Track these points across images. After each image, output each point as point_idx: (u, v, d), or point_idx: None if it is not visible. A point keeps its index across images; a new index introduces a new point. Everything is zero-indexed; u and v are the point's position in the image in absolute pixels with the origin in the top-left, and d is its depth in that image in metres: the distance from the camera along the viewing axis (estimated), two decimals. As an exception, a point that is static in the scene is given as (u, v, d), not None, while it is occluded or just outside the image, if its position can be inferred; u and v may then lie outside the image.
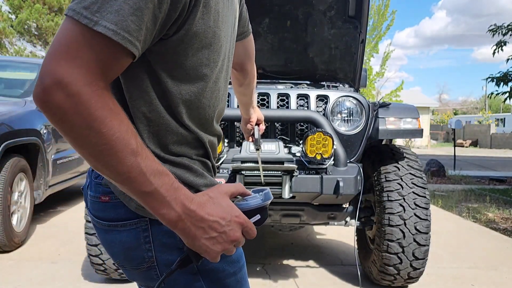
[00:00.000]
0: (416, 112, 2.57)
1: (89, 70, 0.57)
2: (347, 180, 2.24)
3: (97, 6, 0.57)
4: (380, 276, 2.50)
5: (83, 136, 0.58)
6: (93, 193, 0.78)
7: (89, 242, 2.39)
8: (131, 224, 0.74)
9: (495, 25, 7.42)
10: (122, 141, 0.59)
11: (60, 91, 0.56)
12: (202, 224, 0.64)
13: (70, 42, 0.58)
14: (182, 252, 0.71)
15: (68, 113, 0.56)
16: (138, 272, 0.77)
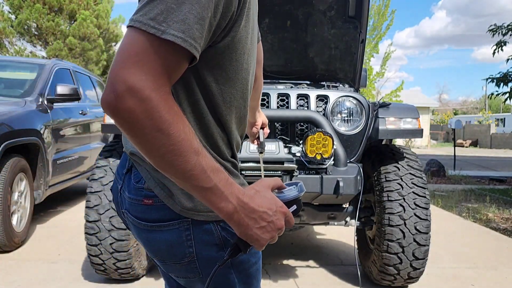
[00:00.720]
0: (416, 112, 2.57)
1: (156, 76, 0.62)
2: (347, 180, 2.24)
3: (162, 16, 0.62)
4: (380, 276, 2.50)
5: (153, 138, 0.63)
6: (133, 196, 0.84)
7: (89, 242, 2.39)
8: (174, 224, 0.81)
9: (495, 25, 7.41)
10: (187, 142, 0.65)
11: (133, 97, 0.60)
12: (253, 215, 0.71)
13: (139, 50, 0.62)
14: (219, 248, 0.81)
15: (140, 117, 0.61)
16: (179, 266, 0.84)
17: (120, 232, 2.35)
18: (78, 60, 13.40)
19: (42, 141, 3.58)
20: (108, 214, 2.34)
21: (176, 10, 0.63)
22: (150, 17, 0.63)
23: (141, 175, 0.83)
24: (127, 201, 0.86)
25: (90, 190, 2.40)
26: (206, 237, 0.81)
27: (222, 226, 0.82)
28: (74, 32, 13.29)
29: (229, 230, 0.82)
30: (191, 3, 0.64)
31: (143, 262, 2.57)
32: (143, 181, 0.82)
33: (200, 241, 0.81)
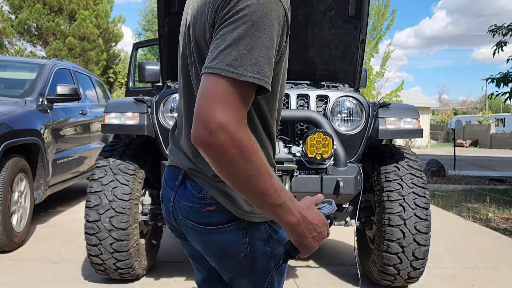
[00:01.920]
0: (416, 112, 2.57)
1: (238, 112, 0.75)
2: (347, 180, 2.25)
3: (237, 62, 0.75)
4: (380, 276, 2.50)
5: (238, 165, 0.75)
6: (195, 205, 0.96)
7: (89, 242, 2.39)
8: (233, 226, 0.94)
9: (495, 25, 7.41)
10: (264, 167, 0.77)
11: (223, 132, 0.72)
12: (310, 226, 0.84)
13: (221, 92, 0.74)
14: (265, 243, 0.95)
15: (229, 148, 0.73)
16: (234, 261, 0.96)
17: (120, 232, 2.35)
18: (78, 60, 13.40)
19: (42, 141, 3.58)
20: (108, 214, 2.34)
21: (247, 56, 0.75)
22: (227, 64, 0.74)
23: (200, 186, 0.95)
24: (185, 210, 0.97)
25: (90, 190, 2.40)
26: (257, 234, 0.95)
27: (269, 225, 0.96)
28: (74, 32, 13.29)
29: (273, 228, 0.96)
30: (259, 48, 0.76)
31: (143, 262, 2.57)
32: (204, 191, 0.94)
33: (252, 238, 0.95)
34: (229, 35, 0.76)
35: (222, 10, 0.80)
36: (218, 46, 0.77)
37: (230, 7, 0.78)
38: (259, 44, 0.76)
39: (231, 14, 0.78)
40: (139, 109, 2.45)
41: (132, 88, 4.72)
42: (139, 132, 2.45)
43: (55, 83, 4.06)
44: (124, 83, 15.63)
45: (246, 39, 0.76)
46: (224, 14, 0.79)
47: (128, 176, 2.42)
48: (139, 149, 2.60)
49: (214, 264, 1.01)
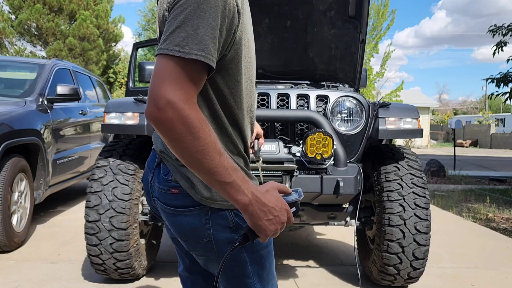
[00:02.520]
0: (416, 112, 2.57)
1: (186, 90, 0.80)
2: (347, 180, 2.25)
3: (184, 42, 0.80)
4: (380, 276, 2.50)
5: (186, 141, 0.79)
6: (163, 186, 1.01)
7: (89, 242, 2.39)
8: (195, 210, 0.97)
9: (495, 25, 7.42)
10: (212, 144, 0.81)
11: (170, 109, 0.78)
12: (264, 208, 0.86)
13: (170, 72, 0.80)
14: (232, 231, 0.97)
15: (176, 124, 0.78)
16: (199, 245, 1.01)
17: (120, 232, 2.35)
18: (78, 60, 13.40)
19: (42, 141, 3.58)
20: (108, 214, 2.35)
21: (193, 35, 0.80)
22: (175, 44, 0.80)
23: (168, 169, 1.00)
24: (157, 190, 1.03)
25: (90, 190, 2.40)
26: (222, 221, 0.98)
27: (235, 213, 0.98)
28: (74, 32, 13.29)
29: (241, 217, 0.96)
30: (204, 27, 0.81)
31: (143, 262, 2.57)
32: (171, 174, 0.99)
33: (216, 225, 0.98)
34: (177, 17, 0.82)
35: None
36: (168, 29, 0.82)
37: None
38: (204, 24, 0.81)
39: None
40: (139, 109, 2.45)
41: (132, 88, 4.72)
42: (139, 132, 2.45)
43: (55, 83, 4.06)
44: (124, 83, 15.64)
45: (193, 20, 0.81)
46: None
47: (128, 176, 2.42)
48: (139, 149, 2.60)
49: (185, 247, 1.06)
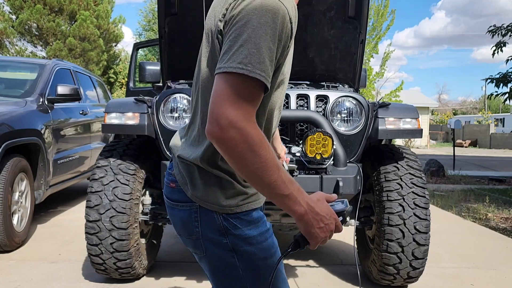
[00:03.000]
0: (416, 112, 2.58)
1: (247, 109, 0.83)
2: (347, 180, 2.25)
3: (247, 60, 0.82)
4: (380, 276, 2.51)
5: (247, 158, 0.83)
6: (166, 180, 1.09)
7: (89, 241, 2.40)
8: (186, 206, 1.02)
9: (495, 26, 7.43)
10: (271, 160, 0.84)
11: (232, 128, 0.81)
12: (317, 217, 0.91)
13: (232, 89, 0.82)
14: (220, 234, 0.99)
15: (239, 143, 0.82)
16: (189, 240, 1.05)
17: (120, 232, 2.36)
18: (78, 60, 13.41)
19: (42, 141, 3.59)
20: (109, 214, 2.35)
21: (256, 54, 0.82)
22: (238, 62, 0.82)
23: (172, 164, 1.07)
24: (165, 183, 1.10)
25: (90, 190, 2.41)
26: (210, 222, 1.00)
27: (224, 217, 1.00)
28: (75, 33, 13.30)
29: (230, 221, 1.00)
30: (265, 48, 0.83)
31: (143, 261, 2.58)
32: (172, 168, 1.06)
33: (205, 224, 1.01)
34: (239, 36, 0.84)
35: (233, 10, 0.87)
36: (230, 48, 0.84)
37: (240, 9, 0.85)
38: (265, 44, 0.83)
39: (241, 17, 0.85)
40: (140, 109, 2.46)
41: (133, 88, 4.73)
42: (139, 132, 2.46)
43: (55, 83, 4.07)
44: (125, 83, 15.64)
45: (255, 39, 0.83)
46: (236, 15, 0.86)
47: (129, 176, 2.43)
48: (140, 149, 2.61)
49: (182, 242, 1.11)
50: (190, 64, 2.95)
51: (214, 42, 0.93)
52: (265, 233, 1.04)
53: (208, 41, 0.98)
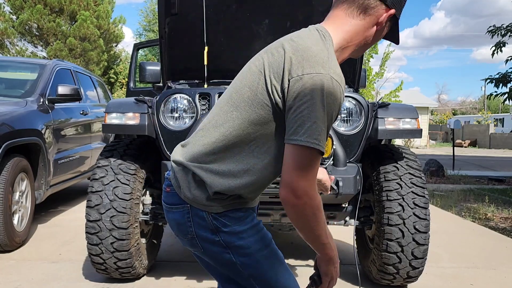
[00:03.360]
0: (415, 112, 2.59)
1: (314, 179, 1.01)
2: (347, 180, 2.26)
3: (320, 137, 0.98)
4: (380, 276, 2.51)
5: (310, 220, 1.03)
6: (163, 185, 1.17)
7: (90, 241, 2.40)
8: (179, 208, 1.11)
9: (494, 26, 7.43)
10: (323, 219, 1.05)
11: (305, 197, 0.99)
12: (336, 258, 1.13)
13: (307, 162, 0.98)
14: (212, 232, 1.08)
15: (307, 209, 1.01)
16: (186, 240, 1.13)
17: (121, 232, 2.36)
18: (79, 60, 13.42)
19: (43, 141, 3.60)
20: (109, 213, 2.36)
21: (323, 133, 0.98)
22: (314, 138, 0.96)
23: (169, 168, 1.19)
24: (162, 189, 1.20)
25: (91, 190, 2.41)
26: (201, 222, 1.09)
27: (214, 216, 1.08)
28: (75, 33, 13.31)
29: (220, 220, 1.08)
30: (326, 126, 0.99)
31: (144, 261, 2.58)
32: (169, 172, 1.17)
33: (197, 224, 1.10)
34: (312, 113, 0.96)
35: (300, 82, 0.97)
36: (303, 123, 0.96)
37: (308, 87, 0.96)
38: (326, 124, 0.99)
39: (310, 96, 0.96)
40: (140, 109, 2.46)
41: (133, 89, 4.74)
42: (139, 132, 2.47)
43: (56, 84, 4.08)
44: (125, 83, 15.64)
45: (323, 118, 0.97)
46: (303, 91, 0.97)
47: (129, 175, 2.44)
48: (140, 149, 2.62)
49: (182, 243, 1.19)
50: (190, 64, 2.97)
51: (270, 92, 1.02)
52: (255, 226, 1.12)
53: (258, 79, 1.05)
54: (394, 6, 1.11)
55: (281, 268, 1.15)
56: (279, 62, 1.03)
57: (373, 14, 1.09)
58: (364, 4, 1.08)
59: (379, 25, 1.11)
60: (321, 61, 0.99)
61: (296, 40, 1.06)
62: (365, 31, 1.10)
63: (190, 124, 2.41)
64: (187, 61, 2.95)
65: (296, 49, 1.02)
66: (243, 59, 3.08)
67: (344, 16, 1.10)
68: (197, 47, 2.68)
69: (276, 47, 1.09)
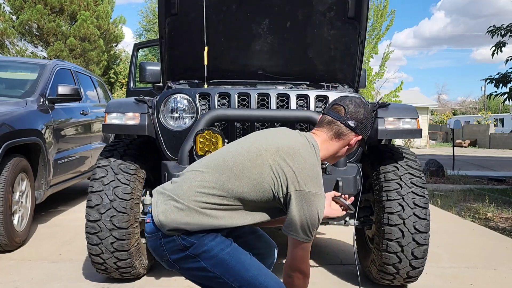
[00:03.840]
0: (415, 112, 2.59)
1: (308, 263, 1.45)
2: (347, 180, 2.26)
3: (310, 230, 1.36)
4: (380, 275, 2.51)
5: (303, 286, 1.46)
6: (146, 217, 1.43)
7: (90, 241, 2.40)
8: (154, 236, 1.37)
9: (494, 26, 7.43)
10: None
11: (306, 276, 1.46)
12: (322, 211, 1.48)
13: (306, 253, 1.42)
14: (182, 251, 1.35)
15: (306, 282, 1.47)
16: (164, 263, 1.41)
17: (121, 231, 2.37)
18: (79, 60, 13.42)
19: (43, 141, 3.60)
20: (109, 213, 2.36)
21: (316, 224, 1.36)
22: (308, 235, 1.37)
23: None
24: None
25: (91, 190, 2.42)
26: (172, 245, 1.34)
27: (182, 237, 1.33)
28: (75, 33, 13.31)
29: (188, 240, 1.32)
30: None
31: (144, 261, 2.58)
32: (151, 206, 1.40)
33: (168, 248, 1.35)
34: (305, 219, 1.35)
35: (299, 186, 1.33)
36: (303, 227, 1.35)
37: (305, 194, 1.34)
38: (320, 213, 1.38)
39: (305, 191, 1.33)
40: (140, 109, 2.46)
41: (133, 89, 4.74)
42: (140, 132, 2.47)
43: (56, 84, 4.08)
44: (125, 83, 15.65)
45: (318, 211, 1.36)
46: (296, 188, 1.33)
47: (129, 175, 2.44)
48: (140, 149, 2.62)
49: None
50: (190, 64, 2.97)
51: (274, 187, 1.36)
52: (216, 232, 1.36)
53: (261, 169, 1.36)
54: (361, 133, 1.54)
55: (248, 260, 1.38)
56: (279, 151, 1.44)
57: (345, 138, 1.52)
58: (339, 131, 1.52)
59: (350, 145, 1.55)
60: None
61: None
62: (339, 149, 1.55)
63: (190, 124, 2.41)
64: (187, 61, 2.95)
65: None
66: (243, 59, 3.10)
67: (325, 137, 1.52)
68: (197, 47, 2.68)
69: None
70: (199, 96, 2.45)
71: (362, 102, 1.58)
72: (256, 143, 1.41)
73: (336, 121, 1.52)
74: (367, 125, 1.55)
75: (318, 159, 1.42)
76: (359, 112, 1.53)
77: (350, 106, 1.53)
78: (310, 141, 1.44)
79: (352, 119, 1.51)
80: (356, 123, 1.52)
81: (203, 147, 2.18)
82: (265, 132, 1.52)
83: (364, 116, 1.54)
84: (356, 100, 1.56)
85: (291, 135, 1.46)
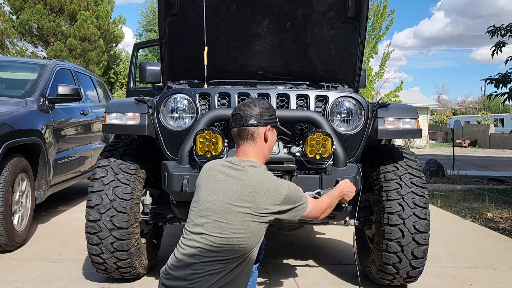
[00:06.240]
0: (415, 112, 2.59)
1: (322, 210, 1.86)
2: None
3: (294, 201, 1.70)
4: (380, 275, 2.51)
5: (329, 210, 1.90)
6: None
7: (90, 241, 2.40)
8: None
9: (494, 26, 7.44)
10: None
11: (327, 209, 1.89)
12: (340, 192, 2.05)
13: (314, 212, 1.81)
14: None
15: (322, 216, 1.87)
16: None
17: (121, 231, 2.37)
18: (79, 60, 13.42)
19: (43, 141, 3.60)
20: (109, 213, 2.36)
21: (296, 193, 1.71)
22: (296, 205, 1.71)
23: None
24: None
25: (91, 190, 2.42)
26: None
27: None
28: (75, 33, 13.31)
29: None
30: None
31: (144, 261, 2.59)
32: None
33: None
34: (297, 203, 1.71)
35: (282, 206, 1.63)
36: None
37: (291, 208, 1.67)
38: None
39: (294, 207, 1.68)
40: (140, 109, 2.46)
41: (133, 89, 4.74)
42: (140, 132, 2.47)
43: (56, 84, 4.08)
44: (125, 83, 15.65)
45: (289, 184, 1.69)
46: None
47: (129, 175, 2.44)
48: (140, 149, 2.62)
49: None
50: (190, 64, 2.97)
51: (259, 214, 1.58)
52: None
53: (249, 211, 1.58)
54: (268, 123, 1.70)
55: None
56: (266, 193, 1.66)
57: (259, 135, 1.69)
58: (249, 134, 1.69)
59: (266, 138, 1.70)
60: None
61: None
62: (265, 147, 1.72)
63: (190, 124, 2.41)
64: (187, 61, 2.95)
65: None
66: (243, 59, 3.10)
67: (250, 148, 1.69)
68: (197, 47, 2.68)
69: None
70: (199, 96, 2.46)
71: (254, 99, 1.78)
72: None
73: (241, 128, 1.68)
74: (267, 114, 1.70)
75: (264, 167, 1.71)
76: (254, 109, 1.68)
77: (243, 109, 1.69)
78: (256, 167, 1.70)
79: (251, 118, 1.67)
80: (256, 119, 1.67)
81: (203, 147, 2.18)
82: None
83: (261, 109, 1.69)
84: (247, 102, 1.73)
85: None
